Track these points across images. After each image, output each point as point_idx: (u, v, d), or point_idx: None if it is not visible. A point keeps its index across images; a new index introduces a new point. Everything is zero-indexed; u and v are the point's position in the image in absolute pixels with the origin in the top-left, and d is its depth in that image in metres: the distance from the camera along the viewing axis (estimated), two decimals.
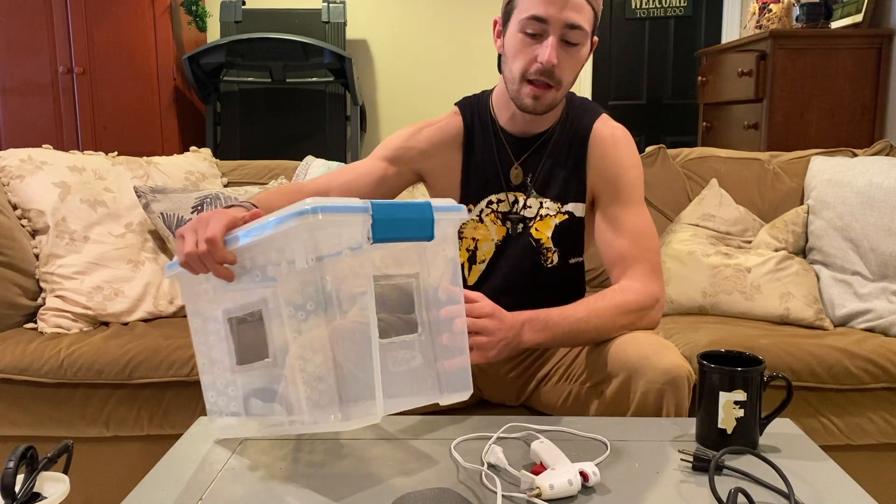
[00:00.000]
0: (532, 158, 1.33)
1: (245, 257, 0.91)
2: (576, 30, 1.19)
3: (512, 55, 1.24)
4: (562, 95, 1.26)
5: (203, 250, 0.91)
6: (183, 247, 0.93)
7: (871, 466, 1.59)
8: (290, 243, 0.84)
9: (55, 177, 1.87)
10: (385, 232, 0.86)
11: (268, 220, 0.85)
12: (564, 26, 1.18)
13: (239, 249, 0.91)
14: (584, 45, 1.23)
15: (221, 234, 0.91)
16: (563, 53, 1.20)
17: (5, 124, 3.66)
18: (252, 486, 0.90)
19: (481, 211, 1.35)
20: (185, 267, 0.94)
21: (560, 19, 1.17)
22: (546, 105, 1.24)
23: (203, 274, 0.94)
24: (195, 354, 1.01)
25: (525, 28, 1.20)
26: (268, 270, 0.88)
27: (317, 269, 0.82)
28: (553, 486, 0.84)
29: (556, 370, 1.33)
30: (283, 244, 0.85)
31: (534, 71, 1.21)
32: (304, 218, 0.80)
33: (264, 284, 0.88)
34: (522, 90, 1.23)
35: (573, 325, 1.18)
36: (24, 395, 1.59)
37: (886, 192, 1.79)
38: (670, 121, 4.54)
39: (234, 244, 0.90)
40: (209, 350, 0.99)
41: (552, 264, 1.35)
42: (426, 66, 4.38)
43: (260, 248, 0.88)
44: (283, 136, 3.84)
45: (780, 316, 1.78)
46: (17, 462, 0.76)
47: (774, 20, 3.00)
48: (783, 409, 1.00)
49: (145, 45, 3.70)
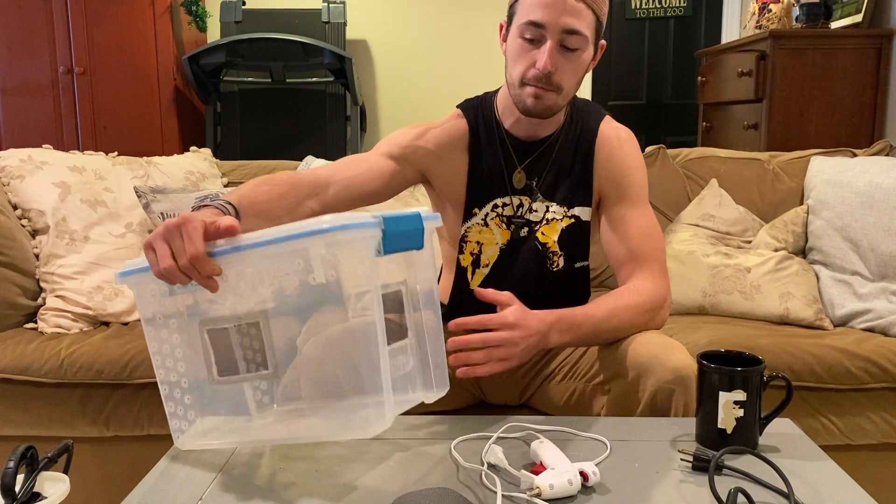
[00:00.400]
0: (537, 162, 1.33)
1: (233, 269, 0.89)
2: (574, 35, 1.18)
3: (512, 60, 1.24)
4: (564, 100, 1.26)
5: (185, 264, 0.87)
6: (156, 259, 0.88)
7: (871, 466, 1.59)
8: (305, 259, 0.85)
9: (55, 177, 1.87)
10: (393, 244, 0.88)
11: (275, 235, 0.85)
12: (562, 32, 1.18)
13: (226, 260, 0.88)
14: (584, 51, 1.22)
15: (203, 246, 0.87)
16: (562, 59, 1.20)
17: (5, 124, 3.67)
18: (252, 486, 0.90)
19: (486, 215, 1.34)
20: (162, 279, 0.90)
21: (558, 25, 1.17)
22: (547, 106, 1.24)
23: (174, 285, 0.91)
24: (154, 366, 0.97)
25: (524, 33, 1.20)
26: (266, 283, 0.88)
27: (335, 285, 0.85)
28: (553, 486, 0.84)
29: (561, 368, 1.33)
30: (294, 260, 0.85)
31: (531, 77, 1.21)
32: (325, 237, 0.82)
33: (259, 298, 0.89)
34: (522, 93, 1.23)
35: (595, 325, 1.18)
36: (24, 395, 1.59)
37: (886, 192, 1.79)
38: (670, 121, 4.54)
39: (224, 256, 0.88)
40: (175, 361, 0.97)
41: (558, 268, 1.35)
42: (426, 66, 4.37)
43: (264, 262, 0.87)
44: (283, 136, 3.84)
45: (780, 316, 1.78)
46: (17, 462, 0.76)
47: (774, 20, 3.00)
48: (783, 409, 1.00)
49: (145, 45, 3.70)
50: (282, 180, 1.17)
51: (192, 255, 0.86)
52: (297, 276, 0.86)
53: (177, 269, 0.87)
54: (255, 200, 1.07)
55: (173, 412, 0.98)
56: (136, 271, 0.94)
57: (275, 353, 0.91)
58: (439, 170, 1.35)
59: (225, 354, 0.93)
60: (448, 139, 1.34)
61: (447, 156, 1.34)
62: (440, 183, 1.36)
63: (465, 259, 1.37)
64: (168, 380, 0.98)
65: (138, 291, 0.96)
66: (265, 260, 0.87)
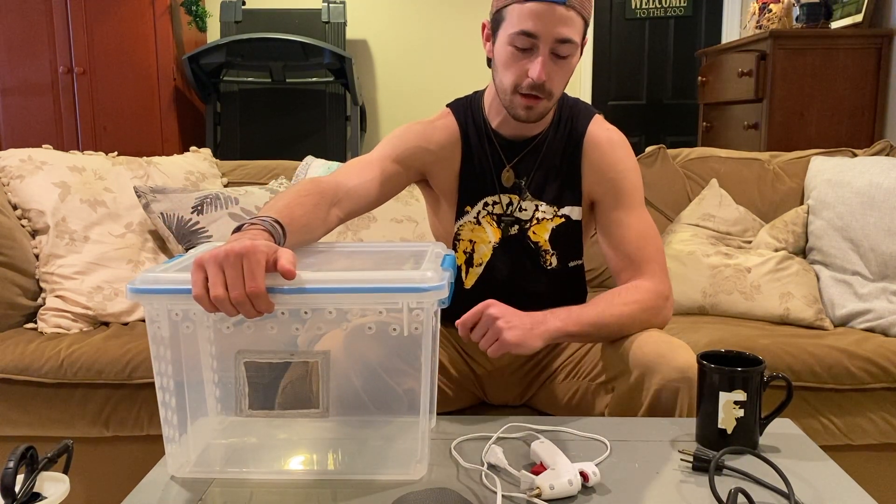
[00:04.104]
0: (525, 161, 1.33)
1: (289, 306, 0.87)
2: (566, 43, 1.18)
3: (502, 67, 1.23)
4: (553, 103, 1.27)
5: (238, 297, 0.82)
6: (207, 282, 0.83)
7: (871, 466, 1.59)
8: (388, 309, 0.87)
9: (55, 177, 1.87)
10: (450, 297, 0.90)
11: (352, 283, 0.85)
12: (555, 41, 1.18)
13: (283, 299, 0.85)
14: (574, 56, 1.23)
15: (263, 283, 0.83)
16: (554, 67, 1.20)
17: (5, 124, 3.67)
18: (253, 487, 0.90)
19: (478, 213, 1.35)
20: (201, 304, 0.84)
21: (550, 35, 1.17)
22: (538, 114, 1.25)
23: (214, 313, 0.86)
24: (160, 388, 0.91)
25: (514, 42, 1.19)
26: (330, 324, 0.89)
27: (418, 338, 0.88)
28: (553, 486, 0.84)
29: (565, 367, 1.33)
30: (378, 308, 0.87)
31: (525, 86, 1.21)
32: (419, 295, 0.85)
33: (314, 342, 0.91)
34: (514, 101, 1.23)
35: (596, 316, 1.18)
36: (24, 395, 1.59)
37: (886, 192, 1.79)
38: (670, 121, 4.54)
39: (284, 295, 0.85)
40: (193, 388, 0.94)
41: (552, 267, 1.35)
42: (426, 66, 4.37)
43: (332, 306, 0.87)
44: (283, 136, 3.84)
45: (780, 316, 1.78)
46: (17, 462, 0.76)
47: (774, 20, 3.00)
48: (783, 409, 1.00)
49: (145, 45, 3.70)
50: (309, 190, 1.13)
51: (251, 292, 0.82)
52: (376, 324, 0.88)
53: (227, 299, 0.82)
54: (293, 216, 1.03)
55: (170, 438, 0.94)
56: (162, 291, 0.86)
57: (329, 392, 0.91)
58: (438, 169, 1.35)
59: (261, 387, 0.91)
60: (447, 138, 1.35)
61: (445, 154, 1.35)
62: (437, 181, 1.37)
63: (459, 258, 1.37)
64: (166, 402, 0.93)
65: (153, 310, 0.88)
66: (333, 303, 0.86)
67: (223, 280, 0.83)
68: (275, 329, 0.88)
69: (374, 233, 1.97)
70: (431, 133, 1.35)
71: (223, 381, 0.94)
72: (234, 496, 0.88)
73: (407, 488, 0.88)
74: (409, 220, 1.99)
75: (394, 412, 0.96)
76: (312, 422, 0.93)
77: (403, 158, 1.33)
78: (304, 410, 0.91)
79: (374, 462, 0.94)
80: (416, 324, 0.86)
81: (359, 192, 1.24)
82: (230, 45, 3.51)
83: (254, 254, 0.83)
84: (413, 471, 0.91)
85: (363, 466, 0.93)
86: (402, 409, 0.95)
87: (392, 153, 1.33)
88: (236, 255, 0.83)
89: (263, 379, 0.91)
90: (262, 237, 0.92)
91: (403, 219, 1.99)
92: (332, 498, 0.87)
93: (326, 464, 0.95)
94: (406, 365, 0.95)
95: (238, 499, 0.87)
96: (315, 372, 0.90)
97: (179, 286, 0.86)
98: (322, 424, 0.95)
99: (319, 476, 0.92)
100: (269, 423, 0.95)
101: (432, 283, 0.85)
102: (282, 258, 0.85)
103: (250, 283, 0.82)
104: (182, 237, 1.86)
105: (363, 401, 0.95)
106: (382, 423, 0.98)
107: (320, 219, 1.12)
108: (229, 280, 0.82)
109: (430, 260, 0.96)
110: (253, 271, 0.83)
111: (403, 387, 0.94)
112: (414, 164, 1.34)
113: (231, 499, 0.87)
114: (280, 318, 0.87)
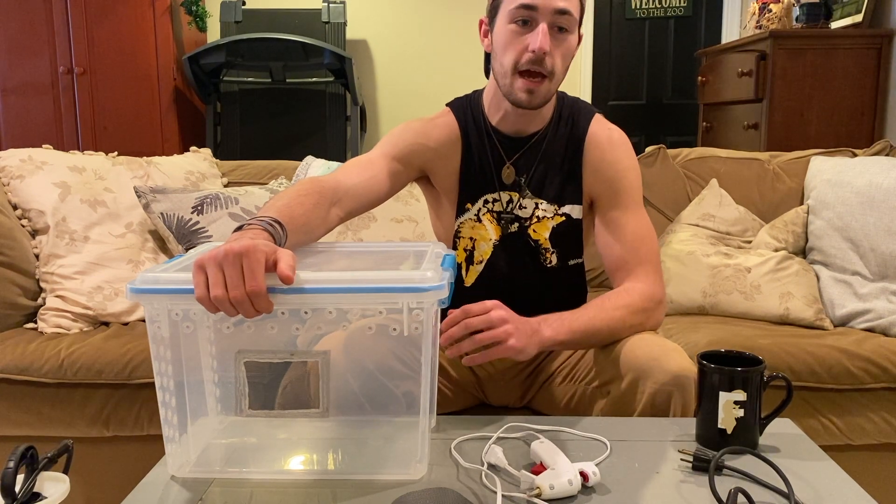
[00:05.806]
0: (525, 159, 1.33)
1: (289, 306, 0.87)
2: (565, 15, 1.19)
3: (502, 48, 1.23)
4: (555, 87, 1.26)
5: (238, 297, 0.82)
6: (208, 283, 0.82)
7: (871, 466, 1.59)
8: (389, 309, 0.87)
9: (55, 177, 1.87)
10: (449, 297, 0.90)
11: (350, 283, 0.85)
12: (554, 12, 1.18)
13: (283, 299, 0.85)
14: (572, 33, 1.23)
15: (264, 283, 0.82)
16: (554, 41, 1.21)
17: (5, 124, 3.67)
18: (253, 486, 0.90)
19: (479, 210, 1.35)
20: (203, 304, 0.83)
21: (549, 5, 1.18)
22: (540, 98, 1.24)
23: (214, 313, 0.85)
24: (160, 388, 0.90)
25: (515, 17, 1.20)
26: (330, 326, 0.89)
27: (418, 338, 0.88)
28: (553, 486, 0.84)
29: (561, 370, 1.33)
30: (375, 308, 0.87)
31: (525, 61, 1.20)
32: (419, 295, 0.85)
33: (314, 343, 0.91)
34: (515, 84, 1.22)
35: (586, 323, 1.18)
36: (24, 395, 1.59)
37: (886, 192, 1.79)
38: (670, 121, 4.54)
39: (283, 294, 0.85)
40: (193, 388, 0.93)
41: (552, 265, 1.35)
42: (426, 66, 4.37)
43: (332, 305, 0.87)
44: (283, 136, 3.84)
45: (780, 316, 1.78)
46: (17, 462, 0.76)
47: (774, 20, 3.00)
48: (783, 409, 1.00)
49: (145, 45, 3.70)
50: (309, 189, 1.13)
51: (251, 291, 0.82)
52: (376, 324, 0.88)
53: (227, 299, 0.82)
54: (293, 215, 1.03)
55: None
56: (162, 291, 0.86)
57: (329, 392, 0.91)
58: (439, 167, 1.35)
59: (261, 387, 0.91)
60: (447, 136, 1.35)
61: (445, 152, 1.35)
62: (437, 179, 1.37)
63: (459, 255, 1.37)
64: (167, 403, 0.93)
65: (153, 310, 0.88)
66: (333, 303, 0.86)
67: (223, 280, 0.82)
68: (275, 329, 0.88)
69: (374, 233, 1.97)
70: (431, 130, 1.35)
71: (223, 381, 0.93)
72: (234, 496, 0.88)
73: (407, 488, 0.88)
74: (409, 220, 1.99)
75: (393, 412, 0.96)
76: (312, 422, 0.93)
77: (403, 156, 1.32)
78: (304, 410, 0.91)
79: (374, 462, 0.94)
80: (415, 324, 0.86)
81: (359, 190, 1.24)
82: (230, 45, 3.51)
83: (253, 253, 0.83)
84: (413, 471, 0.92)
85: (363, 466, 0.93)
86: (401, 408, 0.95)
87: (392, 151, 1.33)
88: (235, 255, 0.82)
89: (263, 379, 0.91)
90: (262, 237, 0.91)
91: (403, 219, 1.99)
92: (332, 498, 0.87)
93: (326, 464, 0.95)
94: (406, 365, 0.95)
95: (238, 499, 0.87)
96: (315, 372, 0.90)
97: (179, 286, 0.86)
98: (322, 424, 0.95)
99: (319, 476, 0.92)
100: (269, 423, 0.95)
101: (432, 283, 0.85)
102: (281, 262, 0.84)
103: (250, 282, 0.82)
104: (182, 237, 1.86)
105: (363, 401, 0.95)
106: (382, 422, 0.97)
107: (320, 218, 1.12)
108: (229, 280, 0.82)
109: (430, 260, 0.96)
110: (253, 270, 0.82)
111: (403, 387, 0.94)
112: (414, 161, 1.34)
113: (231, 499, 0.87)
114: (280, 318, 0.87)
